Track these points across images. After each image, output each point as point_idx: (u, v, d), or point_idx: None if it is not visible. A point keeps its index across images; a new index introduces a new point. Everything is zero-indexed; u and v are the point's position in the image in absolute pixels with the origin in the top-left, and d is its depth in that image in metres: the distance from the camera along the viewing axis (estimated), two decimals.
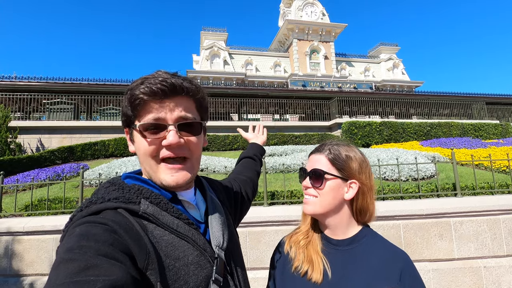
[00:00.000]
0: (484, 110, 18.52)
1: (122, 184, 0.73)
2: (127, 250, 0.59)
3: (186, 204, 0.79)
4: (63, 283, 0.48)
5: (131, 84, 0.73)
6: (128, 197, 0.69)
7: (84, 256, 0.53)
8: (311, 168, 1.00)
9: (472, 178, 5.36)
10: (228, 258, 0.79)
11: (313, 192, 0.98)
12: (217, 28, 35.41)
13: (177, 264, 0.66)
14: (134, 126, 0.73)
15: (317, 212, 0.97)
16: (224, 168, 6.68)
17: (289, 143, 12.79)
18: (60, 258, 0.54)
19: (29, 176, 7.20)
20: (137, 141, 0.74)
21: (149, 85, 0.69)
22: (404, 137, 13.54)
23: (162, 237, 0.67)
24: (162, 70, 0.75)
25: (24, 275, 3.74)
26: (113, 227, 0.61)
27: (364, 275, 0.88)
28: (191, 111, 0.76)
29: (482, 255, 3.59)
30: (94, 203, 0.67)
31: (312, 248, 0.97)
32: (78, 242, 0.56)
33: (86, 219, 0.62)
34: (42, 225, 3.83)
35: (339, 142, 1.04)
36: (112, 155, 11.03)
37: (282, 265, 1.01)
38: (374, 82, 35.61)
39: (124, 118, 0.76)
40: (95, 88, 15.16)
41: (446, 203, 3.99)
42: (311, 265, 0.92)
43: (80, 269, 0.50)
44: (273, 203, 4.75)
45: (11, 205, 5.22)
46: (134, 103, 0.71)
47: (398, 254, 0.93)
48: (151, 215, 0.68)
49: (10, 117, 11.46)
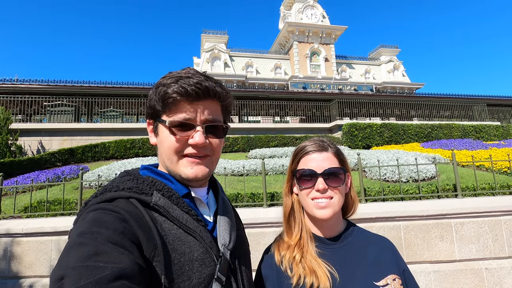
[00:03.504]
0: (485, 111, 18.50)
1: (137, 175, 0.75)
2: (135, 240, 0.60)
3: (197, 202, 0.80)
4: (73, 267, 0.50)
5: (163, 80, 0.74)
6: (141, 188, 0.70)
7: (95, 242, 0.54)
8: (323, 168, 0.90)
9: (473, 179, 5.33)
10: (233, 259, 0.79)
11: (329, 194, 0.89)
12: (217, 30, 35.59)
13: (182, 259, 0.66)
14: (163, 121, 0.74)
15: (335, 213, 0.90)
16: (223, 170, 6.67)
17: (290, 145, 12.78)
18: (72, 241, 0.56)
19: (29, 178, 7.20)
20: (162, 135, 0.76)
21: (184, 86, 0.71)
22: (405, 138, 13.51)
23: (170, 230, 0.68)
24: (192, 68, 0.77)
25: (23, 277, 3.72)
26: (124, 216, 0.62)
27: (367, 269, 0.87)
28: (218, 114, 0.79)
29: (484, 256, 3.55)
30: (109, 190, 0.69)
31: (310, 256, 0.89)
32: (90, 227, 0.58)
33: (99, 206, 0.64)
34: (41, 227, 3.82)
35: (323, 137, 1.03)
36: (113, 157, 11.03)
37: (277, 282, 0.91)
38: (374, 84, 35.61)
39: (150, 110, 0.77)
40: (96, 91, 15.20)
41: (447, 204, 3.96)
42: (315, 275, 0.85)
43: (90, 254, 0.52)
44: (272, 204, 4.73)
45: (10, 207, 5.21)
46: (167, 100, 0.72)
47: (387, 242, 0.96)
48: (161, 207, 0.69)
49: (11, 119, 11.49)
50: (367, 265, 0.88)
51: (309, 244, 0.93)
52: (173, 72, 0.76)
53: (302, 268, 0.88)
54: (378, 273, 0.86)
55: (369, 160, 7.37)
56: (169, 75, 0.75)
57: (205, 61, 33.51)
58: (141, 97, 15.24)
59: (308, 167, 0.92)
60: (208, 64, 33.44)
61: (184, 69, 0.77)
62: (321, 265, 0.87)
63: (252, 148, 12.20)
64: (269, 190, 5.15)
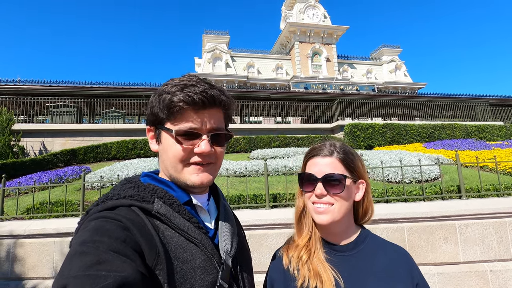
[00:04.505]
0: (488, 111, 18.40)
1: (138, 182, 0.75)
2: (138, 248, 0.60)
3: (198, 209, 0.80)
4: (75, 276, 0.50)
5: (167, 87, 0.73)
6: (142, 196, 0.70)
7: (97, 250, 0.54)
8: (323, 173, 0.88)
9: (477, 180, 5.29)
10: (235, 266, 0.79)
11: (328, 200, 0.88)
12: (219, 31, 35.60)
13: (184, 266, 0.66)
14: (168, 130, 0.74)
15: (335, 220, 0.88)
16: (225, 171, 6.66)
17: (291, 145, 12.75)
18: (74, 250, 0.56)
19: (32, 179, 7.22)
20: (167, 143, 0.75)
21: (190, 94, 0.71)
22: (407, 139, 13.46)
23: (172, 238, 0.68)
24: (194, 75, 0.77)
25: (26, 278, 3.73)
26: (126, 224, 0.62)
27: (376, 279, 0.85)
28: (221, 122, 0.80)
29: (488, 258, 3.52)
30: (110, 199, 0.69)
31: (317, 260, 0.88)
32: (92, 236, 0.57)
33: (101, 214, 0.64)
34: (43, 228, 3.82)
35: (336, 141, 0.98)
36: (115, 157, 11.04)
37: (283, 284, 0.91)
38: (376, 84, 35.53)
39: (153, 117, 0.76)
40: (98, 91, 15.23)
41: (451, 205, 3.93)
42: (320, 279, 0.84)
43: (92, 263, 0.52)
44: (275, 205, 4.71)
45: (13, 208, 5.23)
46: (172, 109, 0.72)
47: (402, 253, 0.92)
48: (163, 215, 0.69)
49: (14, 120, 11.53)
50: (378, 275, 0.85)
51: (317, 247, 0.92)
52: (175, 79, 0.76)
53: (308, 270, 0.87)
54: (389, 284, 0.83)
55: (372, 161, 7.33)
56: (172, 83, 0.74)
57: (207, 62, 33.53)
58: (143, 98, 15.26)
59: (311, 171, 0.92)
60: (210, 64, 33.46)
61: (185, 76, 0.77)
62: (327, 270, 0.86)
63: (254, 148, 12.18)
64: (271, 191, 5.13)
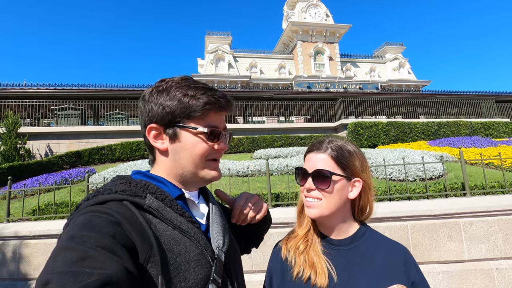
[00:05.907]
0: (493, 108, 18.16)
1: (129, 178, 0.76)
2: (128, 243, 0.60)
3: (190, 204, 0.81)
4: (59, 272, 0.50)
5: (187, 90, 0.77)
6: (134, 191, 0.70)
7: (83, 246, 0.54)
8: (313, 169, 0.91)
9: (482, 178, 5.23)
10: (228, 261, 0.80)
11: (317, 195, 0.91)
12: (221, 32, 35.70)
13: (178, 259, 0.66)
14: (192, 128, 0.77)
15: (323, 215, 0.91)
16: (228, 171, 6.67)
17: (294, 144, 12.73)
18: (60, 244, 0.55)
19: (38, 181, 7.31)
20: (188, 141, 0.78)
21: (216, 97, 0.78)
22: (412, 137, 13.34)
23: (165, 231, 0.68)
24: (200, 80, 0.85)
25: (32, 278, 3.78)
26: (117, 218, 0.61)
27: (371, 274, 0.85)
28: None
29: (494, 256, 3.48)
30: (101, 193, 0.69)
31: (313, 251, 0.92)
32: (80, 230, 0.57)
33: (91, 208, 0.63)
34: (48, 229, 3.87)
35: (337, 138, 0.97)
36: (119, 159, 11.14)
37: (280, 273, 0.95)
38: (380, 82, 35.32)
39: (169, 117, 0.77)
40: (101, 94, 15.40)
41: (455, 203, 3.89)
42: (314, 269, 0.87)
43: (77, 259, 0.51)
44: (277, 204, 4.71)
45: (19, 210, 5.30)
46: (200, 110, 0.76)
47: (400, 250, 0.92)
48: (155, 210, 0.69)
49: (20, 124, 11.68)
50: (372, 270, 0.86)
51: (314, 239, 0.95)
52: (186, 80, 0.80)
53: (304, 260, 0.90)
54: (383, 280, 0.83)
55: (375, 159, 7.29)
56: (187, 83, 0.79)
57: (209, 63, 33.63)
58: None
59: (305, 166, 0.96)
60: (212, 65, 33.57)
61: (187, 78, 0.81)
62: (322, 262, 0.88)
63: (257, 148, 12.18)
64: (273, 190, 5.13)
